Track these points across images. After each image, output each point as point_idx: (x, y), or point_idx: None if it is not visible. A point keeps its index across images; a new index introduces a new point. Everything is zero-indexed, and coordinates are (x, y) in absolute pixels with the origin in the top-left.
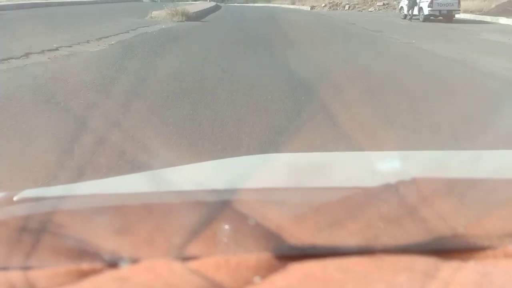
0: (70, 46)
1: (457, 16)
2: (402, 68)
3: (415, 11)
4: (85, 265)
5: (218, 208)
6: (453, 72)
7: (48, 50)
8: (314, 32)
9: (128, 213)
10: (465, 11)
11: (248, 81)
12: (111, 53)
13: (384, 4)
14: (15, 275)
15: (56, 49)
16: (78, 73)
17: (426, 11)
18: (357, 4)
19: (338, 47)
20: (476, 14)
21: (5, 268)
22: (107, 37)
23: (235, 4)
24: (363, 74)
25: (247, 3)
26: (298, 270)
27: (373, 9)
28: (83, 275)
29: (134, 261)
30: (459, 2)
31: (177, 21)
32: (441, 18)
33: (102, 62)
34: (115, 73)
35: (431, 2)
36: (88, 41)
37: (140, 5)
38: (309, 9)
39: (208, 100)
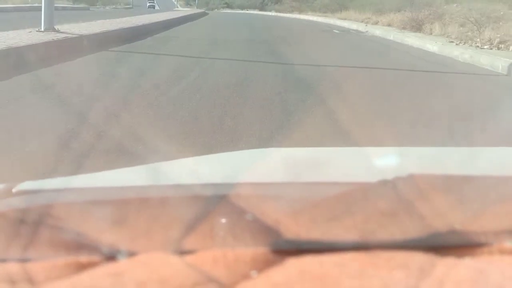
0: None
1: None
2: None
3: None
4: (83, 258)
5: (215, 202)
6: None
7: None
8: None
9: (126, 207)
10: None
11: None
12: None
13: None
14: (13, 267)
15: None
16: None
17: None
18: None
19: None
20: None
21: (3, 260)
22: None
23: (249, 12)
24: None
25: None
26: (294, 265)
27: None
28: (81, 267)
29: (132, 254)
30: None
31: None
32: None
33: None
34: None
35: None
36: None
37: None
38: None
39: None
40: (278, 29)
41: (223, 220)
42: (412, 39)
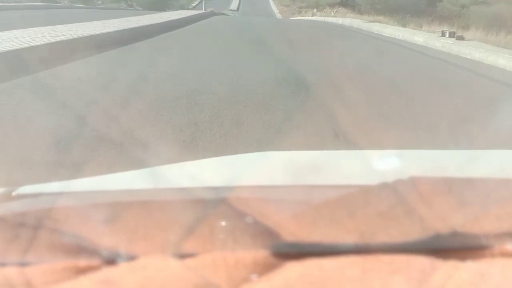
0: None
1: None
2: None
3: None
4: (82, 262)
5: (215, 205)
6: None
7: None
8: None
9: (126, 210)
10: None
11: None
12: None
13: None
14: (12, 271)
15: None
16: None
17: None
18: None
19: None
20: None
21: (2, 264)
22: None
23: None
24: None
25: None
26: (295, 268)
27: None
28: (80, 271)
29: (131, 257)
30: None
31: None
32: None
33: None
34: None
35: None
36: None
37: None
38: None
39: None
40: None
41: (223, 223)
42: None
